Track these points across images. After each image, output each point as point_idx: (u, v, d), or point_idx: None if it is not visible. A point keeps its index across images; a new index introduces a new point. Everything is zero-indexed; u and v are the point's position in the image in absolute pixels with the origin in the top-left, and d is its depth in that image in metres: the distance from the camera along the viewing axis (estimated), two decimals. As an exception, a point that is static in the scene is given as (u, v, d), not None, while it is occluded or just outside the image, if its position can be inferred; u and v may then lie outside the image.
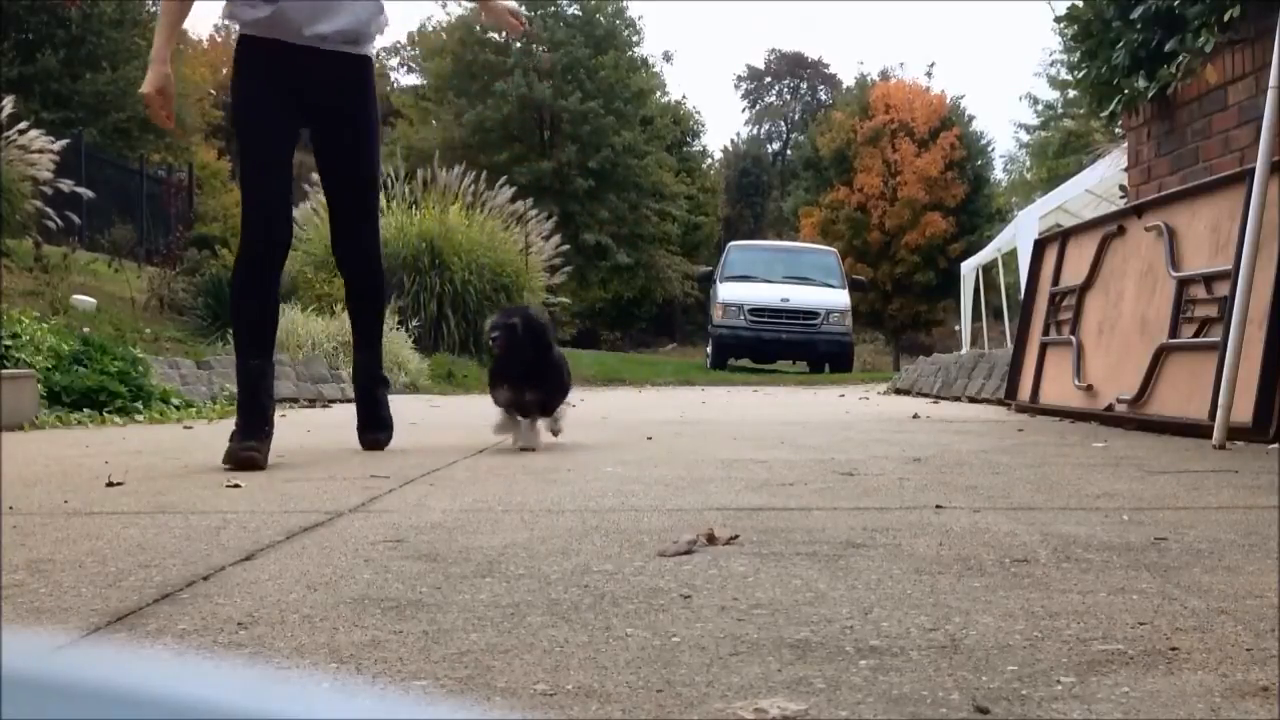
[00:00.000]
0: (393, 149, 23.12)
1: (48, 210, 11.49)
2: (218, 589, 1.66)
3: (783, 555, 1.88)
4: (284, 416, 5.51)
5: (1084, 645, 1.30)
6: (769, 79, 56.86)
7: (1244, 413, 4.03)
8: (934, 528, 2.17)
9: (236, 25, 3.73)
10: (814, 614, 1.46)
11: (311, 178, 10.43)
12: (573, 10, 37.63)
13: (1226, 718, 1.05)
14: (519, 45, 33.82)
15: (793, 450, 4.04)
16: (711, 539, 1.98)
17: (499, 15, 4.26)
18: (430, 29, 39.42)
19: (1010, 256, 15.39)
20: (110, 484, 2.96)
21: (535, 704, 1.11)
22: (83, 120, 21.86)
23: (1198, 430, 4.25)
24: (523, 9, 4.50)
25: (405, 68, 44.15)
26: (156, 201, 18.50)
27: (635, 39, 38.73)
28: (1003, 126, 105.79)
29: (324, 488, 2.91)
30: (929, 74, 64.12)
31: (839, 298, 21.14)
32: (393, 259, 13.24)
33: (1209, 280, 4.64)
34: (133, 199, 18.75)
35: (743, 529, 2.12)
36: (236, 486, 2.93)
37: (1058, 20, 6.49)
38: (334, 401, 8.77)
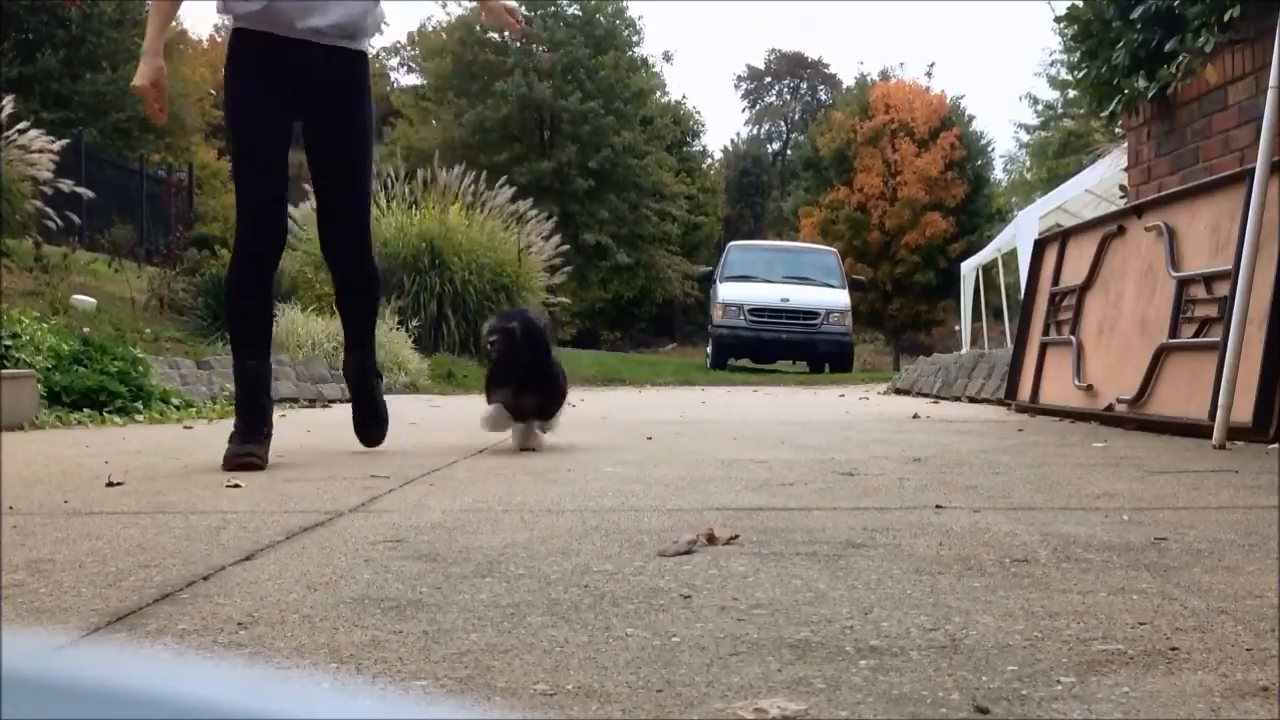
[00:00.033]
0: (393, 149, 23.14)
1: (48, 210, 11.48)
2: (218, 589, 1.66)
3: (783, 555, 1.88)
4: (284, 416, 5.51)
5: (1084, 645, 1.30)
6: (769, 79, 56.85)
7: (1244, 413, 4.03)
8: (934, 528, 2.17)
9: (229, 18, 3.67)
10: (814, 614, 1.46)
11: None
12: (573, 10, 37.62)
13: (1226, 718, 1.05)
14: (519, 45, 33.80)
15: (793, 450, 4.04)
16: (711, 539, 1.98)
17: (497, 14, 4.23)
18: (430, 29, 39.43)
19: (1010, 256, 15.40)
20: (110, 484, 2.96)
21: (535, 704, 1.11)
22: (83, 120, 21.84)
23: (1198, 430, 4.25)
24: (522, 9, 4.47)
25: (405, 68, 44.17)
26: (156, 201, 18.49)
27: (635, 39, 38.73)
28: (1003, 126, 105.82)
29: (324, 488, 2.91)
30: (929, 74, 64.17)
31: (839, 298, 21.14)
32: (393, 259, 13.25)
33: (1209, 280, 4.64)
34: (133, 199, 18.74)
35: (743, 529, 2.12)
36: (236, 486, 2.93)
37: (1058, 20, 6.50)
38: (334, 401, 8.76)
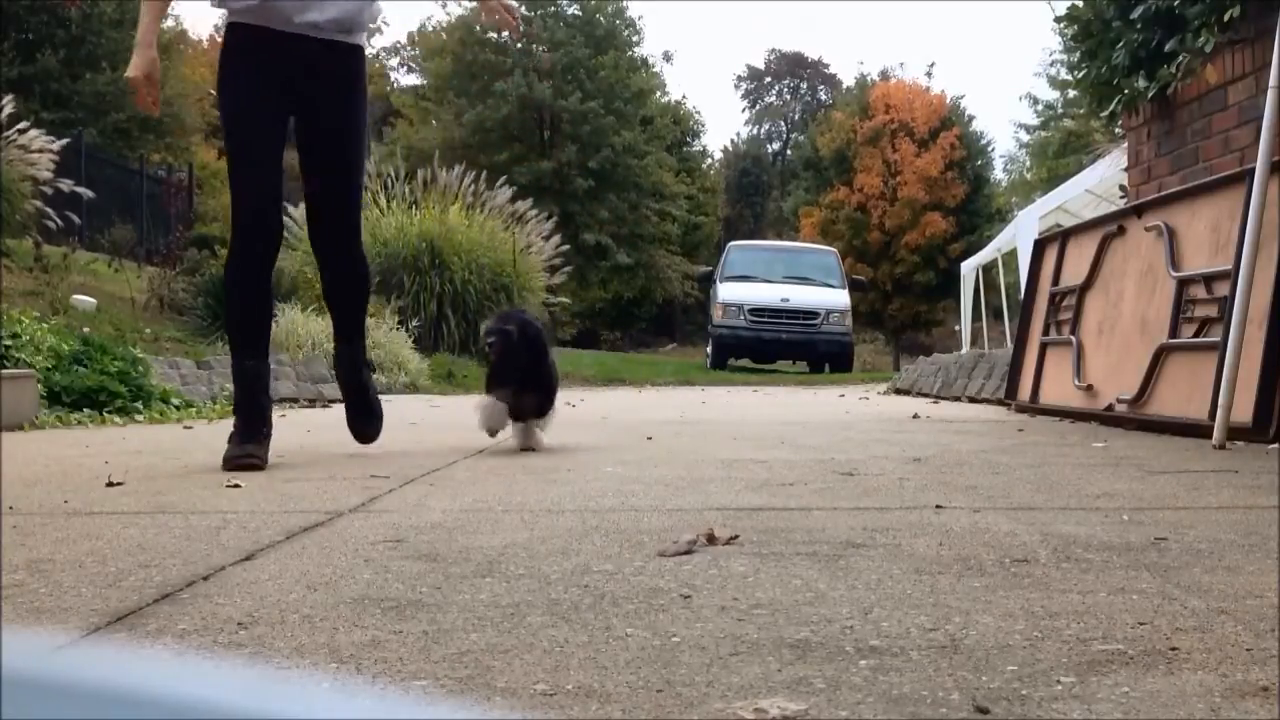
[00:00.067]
0: (393, 149, 23.11)
1: (48, 210, 11.49)
2: (218, 589, 1.66)
3: (783, 555, 1.88)
4: (284, 416, 5.51)
5: (1084, 645, 1.30)
6: (769, 79, 56.85)
7: (1244, 413, 4.03)
8: (934, 528, 2.17)
9: (224, 12, 3.63)
10: (814, 614, 1.46)
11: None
12: (573, 10, 37.62)
13: (1226, 718, 1.05)
14: (519, 45, 33.81)
15: (793, 450, 4.03)
16: (711, 539, 1.98)
17: (496, 13, 4.23)
18: (430, 29, 39.42)
19: (1010, 256, 15.39)
20: (110, 484, 2.96)
21: (535, 704, 1.11)
22: (83, 120, 21.84)
23: (1198, 430, 4.25)
24: (522, 9, 4.46)
25: (405, 68, 44.17)
26: (156, 201, 18.48)
27: (635, 39, 38.73)
28: (1003, 126, 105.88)
29: (324, 488, 2.91)
30: (929, 74, 64.17)
31: (839, 298, 21.14)
32: (393, 259, 13.25)
33: (1209, 280, 4.64)
34: (133, 199, 18.74)
35: (743, 529, 2.12)
36: (236, 486, 2.93)
37: (1058, 20, 6.50)
38: (334, 401, 8.74)
